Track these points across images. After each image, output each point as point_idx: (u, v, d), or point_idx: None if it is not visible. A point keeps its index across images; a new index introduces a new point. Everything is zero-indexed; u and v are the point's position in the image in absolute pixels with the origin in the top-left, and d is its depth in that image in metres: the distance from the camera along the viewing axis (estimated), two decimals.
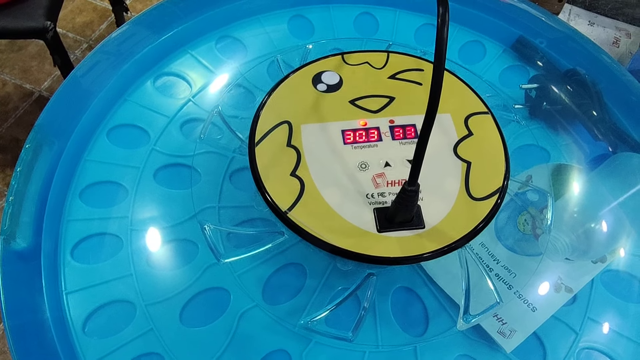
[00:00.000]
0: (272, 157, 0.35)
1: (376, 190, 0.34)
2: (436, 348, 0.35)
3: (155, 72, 0.46)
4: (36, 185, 0.40)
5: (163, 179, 0.41)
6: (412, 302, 0.37)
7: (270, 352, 0.34)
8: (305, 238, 0.32)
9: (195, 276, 0.36)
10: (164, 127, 0.43)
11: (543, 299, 0.36)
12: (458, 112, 0.37)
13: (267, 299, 0.36)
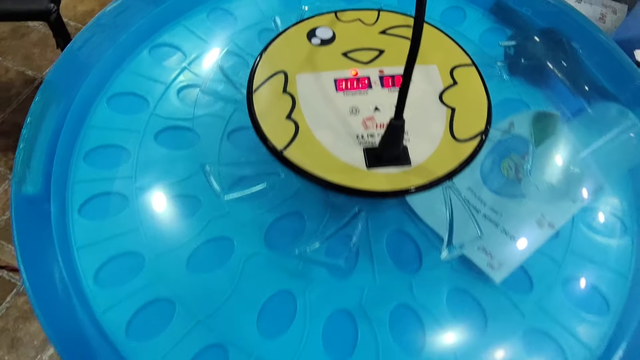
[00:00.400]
0: (269, 102, 0.37)
1: (366, 132, 0.36)
2: (430, 282, 0.38)
3: (151, 43, 0.48)
4: (45, 136, 0.42)
5: (164, 141, 0.43)
6: (405, 242, 0.39)
7: (275, 293, 0.37)
8: (299, 174, 0.35)
9: (200, 227, 0.38)
10: (162, 94, 0.45)
11: (527, 235, 0.39)
12: (444, 63, 0.40)
13: (269, 244, 0.38)
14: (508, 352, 0.36)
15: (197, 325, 0.35)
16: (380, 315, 0.36)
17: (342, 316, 0.36)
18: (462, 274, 0.38)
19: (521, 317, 0.37)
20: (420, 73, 0.39)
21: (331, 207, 0.39)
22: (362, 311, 0.36)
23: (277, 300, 0.36)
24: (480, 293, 0.37)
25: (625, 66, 0.49)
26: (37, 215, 0.39)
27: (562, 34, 0.47)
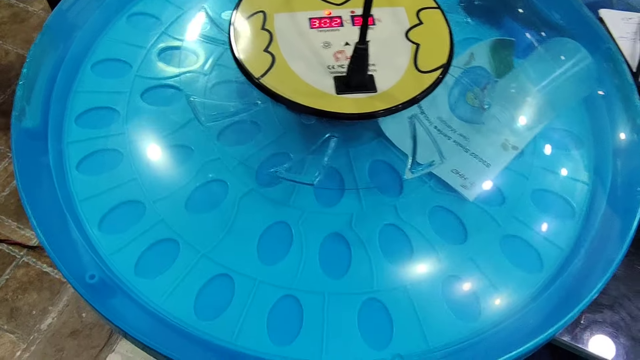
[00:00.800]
0: (248, 37, 0.40)
1: (336, 63, 0.40)
2: (413, 203, 0.41)
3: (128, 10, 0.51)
4: (42, 80, 0.45)
5: (150, 99, 0.46)
6: (386, 170, 0.43)
7: (271, 224, 0.40)
8: (275, 99, 0.38)
9: (195, 170, 0.42)
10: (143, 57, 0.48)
11: (494, 157, 0.43)
12: (411, 6, 0.43)
13: (260, 182, 0.42)
14: (489, 258, 0.40)
15: (202, 259, 0.38)
16: (370, 236, 0.40)
17: (335, 239, 0.40)
18: (441, 194, 0.42)
19: (497, 226, 0.41)
20: (388, 14, 0.42)
21: (305, 131, 0.42)
22: (354, 233, 0.40)
23: (274, 230, 0.40)
24: (458, 209, 0.41)
25: (597, 30, 0.53)
26: (36, 149, 0.43)
27: None
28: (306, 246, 0.39)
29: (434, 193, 0.42)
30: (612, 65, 0.51)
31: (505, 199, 0.42)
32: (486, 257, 0.40)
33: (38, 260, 1.14)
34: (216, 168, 0.42)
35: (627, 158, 0.47)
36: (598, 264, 0.41)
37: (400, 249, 0.39)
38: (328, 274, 0.38)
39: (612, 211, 0.44)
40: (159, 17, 0.51)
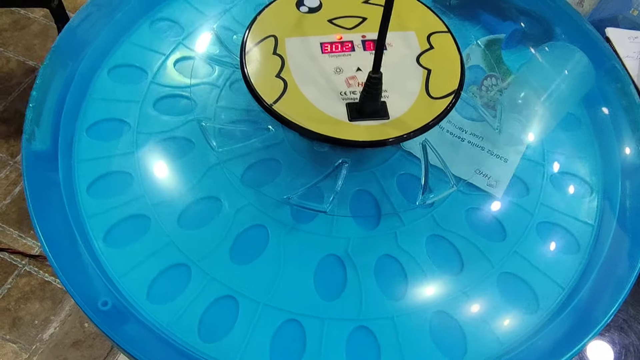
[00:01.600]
0: (260, 62, 0.40)
1: (349, 89, 0.40)
2: (451, 206, 0.43)
3: (150, 17, 0.51)
4: (51, 102, 0.45)
5: (162, 108, 0.46)
6: (413, 182, 0.44)
7: (251, 226, 0.40)
8: (288, 126, 0.38)
9: (196, 188, 0.42)
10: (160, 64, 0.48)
11: (509, 151, 0.45)
12: (421, 30, 0.43)
13: (259, 195, 0.42)
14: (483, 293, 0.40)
15: (211, 282, 0.39)
16: (367, 262, 0.40)
17: (331, 261, 0.40)
18: (471, 196, 0.44)
19: (491, 266, 0.41)
20: (400, 38, 0.43)
21: (317, 157, 0.42)
22: (349, 258, 0.40)
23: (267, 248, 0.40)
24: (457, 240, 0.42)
25: (602, 48, 0.53)
26: (47, 174, 0.43)
27: None
28: (301, 267, 0.40)
29: (464, 195, 0.44)
30: (619, 86, 0.51)
31: (528, 188, 0.45)
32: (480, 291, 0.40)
33: (40, 269, 1.14)
34: (220, 187, 0.42)
35: (635, 179, 0.47)
36: (608, 288, 0.42)
37: (396, 280, 0.40)
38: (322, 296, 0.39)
39: (623, 232, 0.44)
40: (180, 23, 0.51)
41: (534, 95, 0.46)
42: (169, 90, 0.47)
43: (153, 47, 0.49)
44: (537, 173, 0.46)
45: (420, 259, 0.41)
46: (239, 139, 0.42)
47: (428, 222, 0.42)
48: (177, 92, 0.47)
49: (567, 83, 0.45)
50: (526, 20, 0.53)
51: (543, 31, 0.53)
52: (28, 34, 1.46)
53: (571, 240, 0.44)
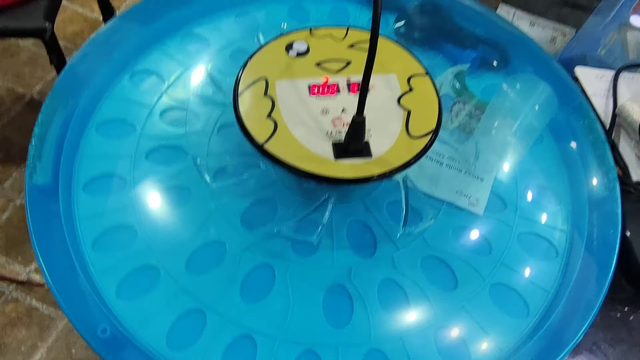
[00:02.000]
0: (252, 104, 0.43)
1: (334, 129, 0.43)
2: (439, 227, 0.46)
3: (131, 69, 0.53)
4: (52, 138, 0.48)
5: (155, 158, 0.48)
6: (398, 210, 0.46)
7: (257, 266, 0.43)
8: (278, 164, 0.41)
9: (197, 227, 0.44)
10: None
11: (485, 170, 0.49)
12: (402, 73, 0.47)
13: (252, 229, 0.44)
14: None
15: (226, 324, 0.41)
16: (369, 288, 0.43)
17: (337, 290, 0.43)
18: (458, 214, 0.47)
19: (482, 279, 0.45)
20: (382, 81, 0.46)
21: (305, 192, 0.45)
22: (353, 285, 0.43)
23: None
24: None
25: (568, 85, 0.57)
26: (48, 206, 0.45)
27: (434, 3, 0.58)
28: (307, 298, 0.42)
29: (451, 215, 0.47)
30: (587, 122, 0.55)
31: (506, 204, 0.48)
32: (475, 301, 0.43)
33: (27, 295, 1.15)
34: (218, 224, 0.44)
35: (601, 210, 0.50)
36: (578, 310, 0.45)
37: (397, 301, 0.43)
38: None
39: (590, 257, 0.48)
40: (162, 75, 0.53)
41: (505, 125, 0.51)
42: (161, 142, 0.49)
43: (138, 99, 0.51)
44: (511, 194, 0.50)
45: (418, 279, 0.44)
46: (232, 175, 0.44)
47: (420, 244, 0.45)
48: (171, 142, 0.49)
49: (534, 112, 0.51)
50: (484, 47, 0.58)
51: (500, 57, 0.58)
52: (18, 62, 1.48)
53: (549, 248, 0.48)
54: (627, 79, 0.63)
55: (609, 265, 0.47)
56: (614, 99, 0.61)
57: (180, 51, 0.54)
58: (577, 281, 0.47)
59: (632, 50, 0.67)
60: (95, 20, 1.58)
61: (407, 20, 0.59)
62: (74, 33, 1.55)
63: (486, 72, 0.57)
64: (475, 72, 0.57)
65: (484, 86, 0.56)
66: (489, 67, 0.57)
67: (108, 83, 0.52)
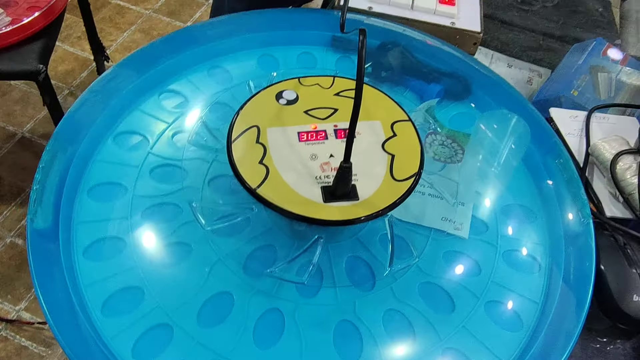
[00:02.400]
0: (245, 150, 0.46)
1: (323, 174, 0.45)
2: (431, 253, 0.49)
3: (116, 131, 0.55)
4: (52, 184, 0.50)
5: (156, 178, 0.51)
6: (359, 265, 0.48)
7: (265, 311, 0.45)
8: (270, 207, 0.43)
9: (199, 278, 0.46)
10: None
11: (464, 196, 0.53)
12: (386, 119, 0.50)
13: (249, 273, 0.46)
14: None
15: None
16: (375, 319, 0.45)
17: (345, 325, 0.45)
18: (447, 240, 0.49)
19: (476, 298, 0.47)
20: (367, 127, 0.49)
21: (296, 235, 0.47)
22: (359, 319, 0.45)
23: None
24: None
25: (543, 126, 0.60)
26: (48, 249, 0.47)
27: (396, 43, 0.63)
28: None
29: (440, 241, 0.50)
30: (562, 161, 0.58)
31: (488, 227, 0.51)
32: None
33: (17, 334, 1.15)
34: (222, 275, 0.46)
35: (577, 244, 0.53)
36: (558, 340, 0.47)
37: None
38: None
39: (568, 289, 0.50)
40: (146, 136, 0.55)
41: (486, 163, 0.55)
42: (157, 200, 0.50)
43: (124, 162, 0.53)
44: (490, 248, 0.52)
45: (418, 305, 0.46)
46: (226, 218, 0.47)
47: (415, 272, 0.48)
48: (165, 199, 0.50)
49: (511, 146, 0.56)
50: (447, 80, 0.63)
51: (463, 88, 0.63)
52: (9, 100, 1.50)
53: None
54: (599, 118, 0.67)
55: (586, 296, 0.49)
56: (586, 138, 0.64)
57: (160, 109, 0.57)
58: (555, 313, 0.49)
59: (603, 91, 0.71)
60: (86, 59, 1.61)
61: (373, 61, 0.63)
62: (65, 72, 1.58)
63: (451, 102, 0.62)
64: (442, 103, 0.61)
65: (451, 116, 0.60)
66: (454, 97, 0.62)
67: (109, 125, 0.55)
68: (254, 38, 0.63)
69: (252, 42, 0.63)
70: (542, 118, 0.61)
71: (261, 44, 0.63)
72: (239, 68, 0.61)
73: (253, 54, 0.63)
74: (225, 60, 0.61)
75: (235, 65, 0.61)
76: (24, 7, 1.03)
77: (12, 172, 1.35)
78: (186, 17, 1.77)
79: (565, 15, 0.86)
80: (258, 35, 0.64)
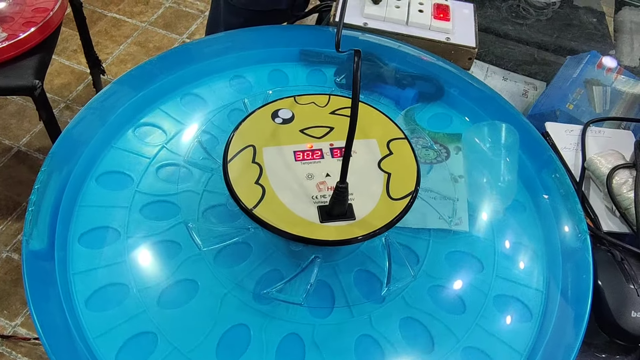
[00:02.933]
0: (241, 170, 0.46)
1: (319, 193, 0.45)
2: (433, 256, 0.50)
3: (134, 124, 0.56)
4: (48, 205, 0.50)
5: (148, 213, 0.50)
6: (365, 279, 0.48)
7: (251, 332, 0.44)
8: (266, 228, 0.43)
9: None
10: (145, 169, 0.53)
11: (459, 193, 0.54)
12: (382, 138, 0.50)
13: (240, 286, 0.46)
14: None
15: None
16: (393, 329, 0.45)
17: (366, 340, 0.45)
18: (452, 238, 0.50)
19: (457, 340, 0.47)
20: (363, 145, 0.49)
21: (293, 255, 0.47)
22: (377, 331, 0.45)
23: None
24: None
25: (537, 140, 0.60)
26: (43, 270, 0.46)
27: (367, 52, 0.63)
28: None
29: (445, 239, 0.51)
30: (558, 176, 0.58)
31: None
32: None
33: (13, 350, 1.14)
34: (234, 307, 0.45)
35: (574, 259, 0.53)
36: (558, 354, 0.47)
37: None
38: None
39: (566, 304, 0.50)
40: (163, 128, 0.56)
41: (489, 175, 0.57)
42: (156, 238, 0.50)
43: (138, 151, 0.54)
44: (488, 251, 0.52)
45: (429, 307, 0.47)
46: (222, 239, 0.47)
47: (424, 277, 0.48)
48: (163, 198, 0.51)
49: (507, 154, 0.57)
50: (421, 83, 0.64)
51: (435, 90, 0.63)
52: (5, 114, 1.50)
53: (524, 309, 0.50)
54: (594, 132, 0.67)
55: (584, 311, 0.49)
56: (582, 152, 0.64)
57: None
58: (555, 329, 0.49)
59: (598, 104, 0.72)
60: (82, 73, 1.61)
61: (346, 72, 0.63)
62: (61, 85, 1.58)
63: (427, 104, 0.63)
64: (417, 105, 0.62)
65: (429, 117, 0.62)
66: (429, 99, 0.63)
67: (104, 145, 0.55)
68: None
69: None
70: (535, 130, 0.61)
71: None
72: (214, 91, 0.61)
73: (226, 75, 0.62)
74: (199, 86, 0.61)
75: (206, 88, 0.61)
76: (20, 23, 1.03)
77: (8, 186, 1.35)
78: (182, 29, 1.77)
79: (560, 28, 0.87)
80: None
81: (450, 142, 0.59)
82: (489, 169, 0.57)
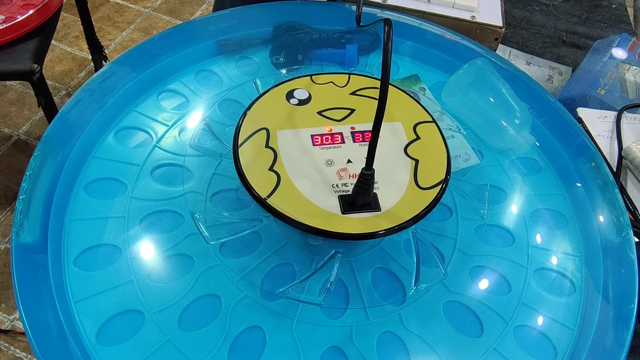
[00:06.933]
0: (253, 156, 0.41)
1: (340, 182, 0.41)
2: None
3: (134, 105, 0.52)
4: (41, 193, 0.45)
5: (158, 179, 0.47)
6: (387, 278, 0.44)
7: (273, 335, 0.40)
8: (282, 219, 0.38)
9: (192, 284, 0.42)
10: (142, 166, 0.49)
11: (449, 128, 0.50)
12: (408, 121, 0.45)
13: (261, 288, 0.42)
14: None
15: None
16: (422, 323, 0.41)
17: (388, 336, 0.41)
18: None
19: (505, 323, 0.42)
20: (387, 129, 0.44)
21: (310, 250, 0.43)
22: (406, 329, 0.41)
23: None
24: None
25: (569, 124, 0.56)
26: (35, 266, 0.42)
27: (290, 23, 0.59)
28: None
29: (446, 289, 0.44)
30: (593, 165, 0.54)
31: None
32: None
33: (11, 345, 1.10)
34: (253, 310, 0.41)
35: (615, 256, 0.48)
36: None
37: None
38: None
39: (608, 307, 0.45)
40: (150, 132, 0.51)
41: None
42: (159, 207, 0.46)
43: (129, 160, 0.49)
44: (522, 254, 0.47)
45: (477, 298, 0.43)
46: (232, 232, 0.42)
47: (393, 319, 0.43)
48: (166, 206, 0.46)
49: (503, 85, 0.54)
50: (358, 37, 0.60)
51: (372, 39, 0.60)
52: (4, 101, 1.46)
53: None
54: (629, 119, 0.62)
55: (631, 314, 0.45)
56: (618, 140, 0.59)
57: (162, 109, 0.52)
58: (596, 331, 0.44)
59: (632, 89, 0.67)
60: (84, 59, 1.56)
61: (281, 49, 0.58)
62: (62, 72, 1.53)
63: (371, 53, 0.60)
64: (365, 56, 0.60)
65: (378, 63, 0.58)
66: (367, 51, 0.60)
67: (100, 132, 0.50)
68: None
69: None
70: (566, 112, 0.56)
71: None
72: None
73: (191, 70, 0.57)
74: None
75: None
76: (18, 5, 0.99)
77: (7, 176, 1.31)
78: (186, 15, 1.72)
79: (588, 9, 0.82)
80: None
81: (412, 86, 0.57)
82: (497, 102, 0.53)
